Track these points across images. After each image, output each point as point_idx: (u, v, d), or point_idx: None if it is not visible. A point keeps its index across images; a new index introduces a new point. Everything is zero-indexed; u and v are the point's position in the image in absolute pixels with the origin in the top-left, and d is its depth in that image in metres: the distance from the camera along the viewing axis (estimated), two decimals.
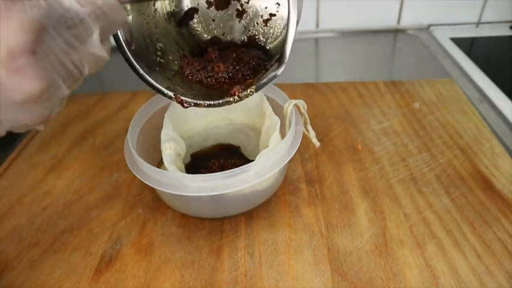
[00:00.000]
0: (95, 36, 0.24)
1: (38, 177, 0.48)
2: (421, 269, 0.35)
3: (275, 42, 0.41)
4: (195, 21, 0.43)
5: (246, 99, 0.44)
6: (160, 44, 0.40)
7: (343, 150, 0.49)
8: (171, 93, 0.37)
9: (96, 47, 0.24)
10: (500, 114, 0.55)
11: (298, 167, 0.46)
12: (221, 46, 0.42)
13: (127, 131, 0.40)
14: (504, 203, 0.40)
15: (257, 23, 0.42)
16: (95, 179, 0.47)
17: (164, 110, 0.43)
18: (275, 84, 0.45)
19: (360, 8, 0.78)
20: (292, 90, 0.60)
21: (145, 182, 0.36)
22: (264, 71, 0.38)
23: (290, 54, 0.34)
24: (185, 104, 0.37)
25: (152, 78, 0.37)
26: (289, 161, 0.37)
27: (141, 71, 0.36)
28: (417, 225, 0.39)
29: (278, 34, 0.41)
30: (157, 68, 0.38)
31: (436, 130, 0.51)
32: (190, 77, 0.39)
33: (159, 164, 0.45)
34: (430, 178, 0.44)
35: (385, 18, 0.80)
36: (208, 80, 0.39)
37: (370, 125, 0.52)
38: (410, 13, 0.78)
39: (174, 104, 0.43)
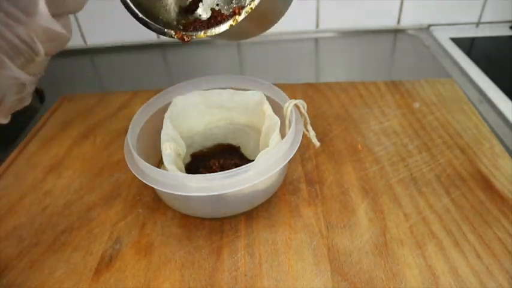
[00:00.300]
0: (41, 6, 0.21)
1: (38, 177, 0.48)
2: (421, 269, 0.35)
3: None
4: None
5: (246, 100, 0.44)
6: None
7: (343, 150, 0.49)
8: (171, 32, 0.35)
9: (45, 19, 0.22)
10: (500, 114, 0.55)
11: (298, 167, 0.46)
12: None
13: (127, 131, 0.40)
14: (504, 203, 0.40)
15: None
16: (95, 179, 0.47)
17: (164, 110, 0.43)
18: (275, 84, 0.45)
19: (360, 8, 0.78)
20: (292, 90, 0.60)
21: (145, 182, 0.36)
22: None
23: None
24: (185, 38, 0.36)
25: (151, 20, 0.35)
26: (289, 161, 0.37)
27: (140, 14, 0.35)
28: (417, 225, 0.39)
29: None
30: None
31: (436, 130, 0.51)
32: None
33: (159, 164, 0.45)
34: (430, 178, 0.44)
35: (385, 18, 0.80)
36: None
37: (370, 125, 0.52)
38: (410, 13, 0.78)
39: (174, 104, 0.43)
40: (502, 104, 0.57)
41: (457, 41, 0.75)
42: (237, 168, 0.34)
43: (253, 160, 0.37)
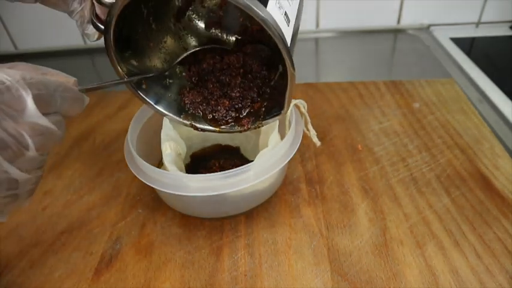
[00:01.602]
0: (29, 103, 0.22)
1: None
2: (421, 269, 0.35)
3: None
4: (192, 8, 0.40)
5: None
6: (164, 49, 0.39)
7: (343, 150, 0.49)
8: (187, 122, 0.38)
9: (33, 115, 0.22)
10: (500, 114, 0.55)
11: (298, 167, 0.46)
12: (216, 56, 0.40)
13: (127, 131, 0.40)
14: (504, 203, 0.40)
15: None
16: (95, 179, 0.47)
17: None
18: None
19: (360, 8, 0.78)
20: None
21: (145, 182, 0.36)
22: (270, 83, 0.38)
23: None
24: (199, 129, 0.38)
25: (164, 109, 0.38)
26: (289, 161, 0.37)
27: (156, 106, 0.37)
28: (417, 225, 0.39)
29: None
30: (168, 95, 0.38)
31: (436, 130, 0.51)
32: (191, 111, 0.39)
33: (159, 164, 0.45)
34: (430, 178, 0.44)
35: (385, 18, 0.80)
36: (213, 114, 0.39)
37: (370, 125, 0.52)
38: (410, 13, 0.78)
39: None
40: (502, 104, 0.57)
41: (457, 41, 0.75)
42: (237, 168, 0.34)
43: (252, 160, 0.37)
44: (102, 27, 0.31)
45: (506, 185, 0.42)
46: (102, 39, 0.32)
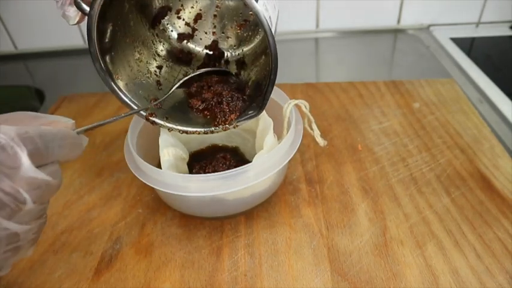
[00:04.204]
0: (24, 159, 0.22)
1: None
2: (421, 269, 0.35)
3: (250, 46, 0.42)
4: (167, 18, 0.42)
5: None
6: (138, 49, 0.39)
7: (343, 150, 0.49)
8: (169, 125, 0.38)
9: (28, 170, 0.22)
10: (500, 114, 0.55)
11: (298, 167, 0.46)
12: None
13: (127, 131, 0.40)
14: (504, 203, 0.40)
15: (231, 27, 0.41)
16: (95, 179, 0.47)
17: None
18: (275, 84, 0.44)
19: (360, 8, 0.78)
20: (292, 90, 0.60)
21: (145, 182, 0.36)
22: (243, 97, 0.39)
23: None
24: (180, 131, 0.38)
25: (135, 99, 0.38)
26: (289, 161, 0.37)
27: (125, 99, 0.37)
28: (417, 225, 0.39)
29: (252, 39, 0.41)
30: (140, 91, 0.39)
31: (436, 130, 0.51)
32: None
33: (159, 164, 0.45)
34: (430, 178, 0.44)
35: (385, 18, 0.80)
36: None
37: (370, 125, 0.52)
38: (410, 13, 0.78)
39: None
40: (502, 104, 0.57)
41: (457, 41, 0.75)
42: (237, 169, 0.34)
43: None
44: (87, 8, 0.31)
45: (506, 185, 0.42)
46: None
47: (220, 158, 0.42)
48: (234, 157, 0.45)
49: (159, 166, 0.44)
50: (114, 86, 0.36)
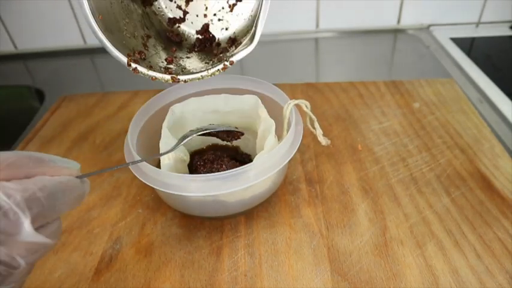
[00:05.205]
0: (26, 226, 0.20)
1: None
2: (421, 269, 0.35)
3: (242, 24, 0.41)
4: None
5: (241, 104, 0.44)
6: (126, 20, 0.39)
7: (343, 150, 0.49)
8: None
9: (29, 236, 0.21)
10: (500, 114, 0.55)
11: (298, 167, 0.46)
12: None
13: (127, 131, 0.40)
14: (504, 203, 0.40)
15: (222, 7, 0.41)
16: (95, 179, 0.47)
17: (164, 109, 0.43)
18: (275, 84, 0.45)
19: (360, 8, 0.78)
20: (292, 90, 0.60)
21: (145, 182, 0.36)
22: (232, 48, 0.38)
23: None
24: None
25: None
26: (289, 161, 0.37)
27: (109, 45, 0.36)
28: (417, 225, 0.39)
29: (245, 18, 0.41)
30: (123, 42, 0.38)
31: (436, 130, 0.51)
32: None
33: (159, 164, 0.45)
34: (430, 178, 0.44)
35: (385, 18, 0.80)
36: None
37: (370, 125, 0.52)
38: (410, 13, 0.78)
39: (172, 112, 0.43)
40: (502, 104, 0.57)
41: (457, 41, 0.75)
42: (237, 169, 0.34)
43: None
44: None
45: (506, 185, 0.42)
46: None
47: (221, 156, 0.42)
48: (234, 157, 0.45)
49: (159, 166, 0.44)
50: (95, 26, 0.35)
